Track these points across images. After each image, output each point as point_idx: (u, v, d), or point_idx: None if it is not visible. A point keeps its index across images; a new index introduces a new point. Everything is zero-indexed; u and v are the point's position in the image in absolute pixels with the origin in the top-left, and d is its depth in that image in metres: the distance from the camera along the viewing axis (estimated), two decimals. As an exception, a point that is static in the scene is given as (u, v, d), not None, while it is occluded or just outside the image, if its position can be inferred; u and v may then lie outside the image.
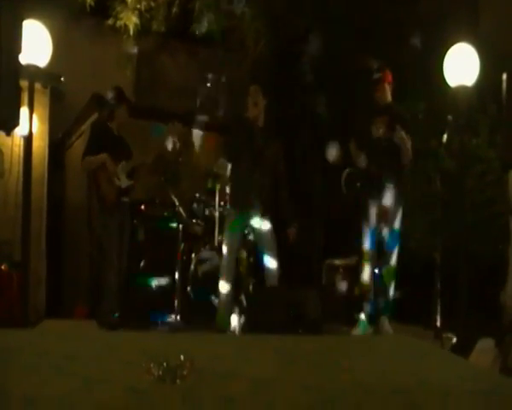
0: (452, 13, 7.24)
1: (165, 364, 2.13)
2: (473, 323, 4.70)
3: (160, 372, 2.11)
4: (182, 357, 2.19)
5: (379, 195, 5.30)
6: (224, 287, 5.16)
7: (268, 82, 5.35)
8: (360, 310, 5.33)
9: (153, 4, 7.96)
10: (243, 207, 5.21)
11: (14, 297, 5.99)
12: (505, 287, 4.35)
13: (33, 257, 5.65)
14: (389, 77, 5.44)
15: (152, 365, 2.13)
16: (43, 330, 5.09)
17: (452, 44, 5.24)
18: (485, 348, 3.99)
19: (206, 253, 6.37)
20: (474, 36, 6.03)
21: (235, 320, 5.29)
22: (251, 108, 5.21)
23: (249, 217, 5.21)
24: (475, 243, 5.51)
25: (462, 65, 5.18)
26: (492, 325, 4.40)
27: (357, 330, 5.22)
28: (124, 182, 5.46)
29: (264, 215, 5.20)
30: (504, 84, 3.73)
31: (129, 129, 5.79)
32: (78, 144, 8.14)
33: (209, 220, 6.54)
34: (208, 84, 8.67)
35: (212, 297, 5.87)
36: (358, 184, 5.42)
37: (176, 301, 5.71)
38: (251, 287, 5.66)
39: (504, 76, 3.73)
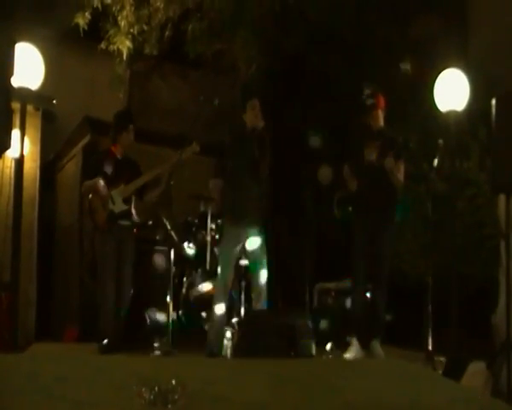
0: (442, 38, 7.32)
1: (156, 388, 2.12)
2: (464, 345, 4.70)
3: (152, 396, 2.09)
4: (173, 381, 2.17)
5: (370, 221, 5.33)
6: (218, 309, 5.12)
7: (261, 102, 5.35)
8: (352, 333, 5.32)
9: (145, 28, 8.01)
10: (240, 220, 5.19)
11: (3, 319, 5.93)
12: (496, 309, 4.36)
13: (23, 279, 5.61)
14: (382, 103, 5.48)
15: (143, 389, 2.11)
16: (32, 353, 5.04)
17: (442, 70, 5.31)
18: (476, 370, 3.98)
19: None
20: (464, 61, 6.11)
21: (226, 344, 5.25)
22: (253, 120, 5.19)
23: (245, 232, 5.19)
24: (466, 265, 5.53)
25: (452, 90, 5.24)
26: (484, 347, 4.40)
27: (350, 354, 5.21)
28: (118, 207, 5.41)
29: (259, 229, 5.18)
30: (493, 109, 3.78)
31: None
32: (70, 166, 8.15)
33: (201, 244, 6.52)
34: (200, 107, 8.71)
35: (204, 321, 5.84)
36: (350, 208, 5.45)
37: (167, 325, 5.67)
38: (243, 310, 5.63)
39: (493, 101, 3.78)
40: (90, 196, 5.43)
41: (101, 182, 5.35)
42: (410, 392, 2.59)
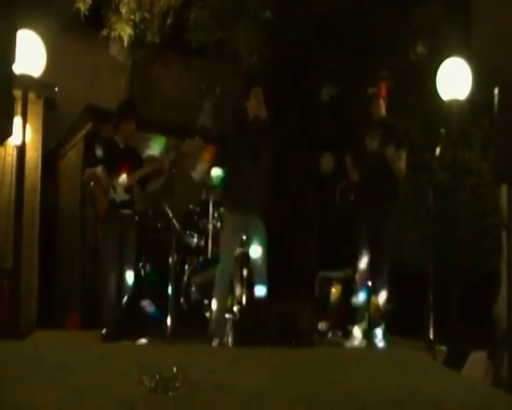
0: (445, 27, 7.30)
1: (157, 376, 2.12)
2: (465, 335, 4.70)
3: (153, 384, 2.10)
4: (174, 369, 2.18)
5: (371, 210, 5.32)
6: (219, 297, 5.11)
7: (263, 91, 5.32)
8: (354, 322, 5.34)
9: (147, 15, 7.99)
10: (241, 208, 5.18)
11: (5, 307, 5.95)
12: (498, 299, 4.36)
13: (25, 267, 5.62)
14: (384, 91, 5.46)
15: (144, 376, 2.12)
16: (34, 341, 5.06)
17: (445, 58, 5.28)
18: (477, 360, 3.99)
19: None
20: (467, 50, 6.09)
21: (228, 332, 5.26)
22: (256, 109, 5.12)
23: (246, 220, 5.18)
24: (468, 255, 5.52)
25: (454, 79, 5.22)
26: (485, 336, 4.40)
27: (351, 343, 5.22)
28: (119, 196, 5.40)
29: (261, 217, 5.16)
30: (496, 98, 3.77)
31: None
32: (71, 155, 8.14)
33: (203, 232, 6.52)
34: (202, 95, 8.68)
35: (205, 309, 5.84)
36: (352, 197, 5.45)
37: (169, 313, 5.68)
38: (244, 298, 5.64)
39: (496, 90, 3.76)
40: (92, 184, 5.44)
41: (103, 170, 5.35)
42: (410, 381, 2.60)
